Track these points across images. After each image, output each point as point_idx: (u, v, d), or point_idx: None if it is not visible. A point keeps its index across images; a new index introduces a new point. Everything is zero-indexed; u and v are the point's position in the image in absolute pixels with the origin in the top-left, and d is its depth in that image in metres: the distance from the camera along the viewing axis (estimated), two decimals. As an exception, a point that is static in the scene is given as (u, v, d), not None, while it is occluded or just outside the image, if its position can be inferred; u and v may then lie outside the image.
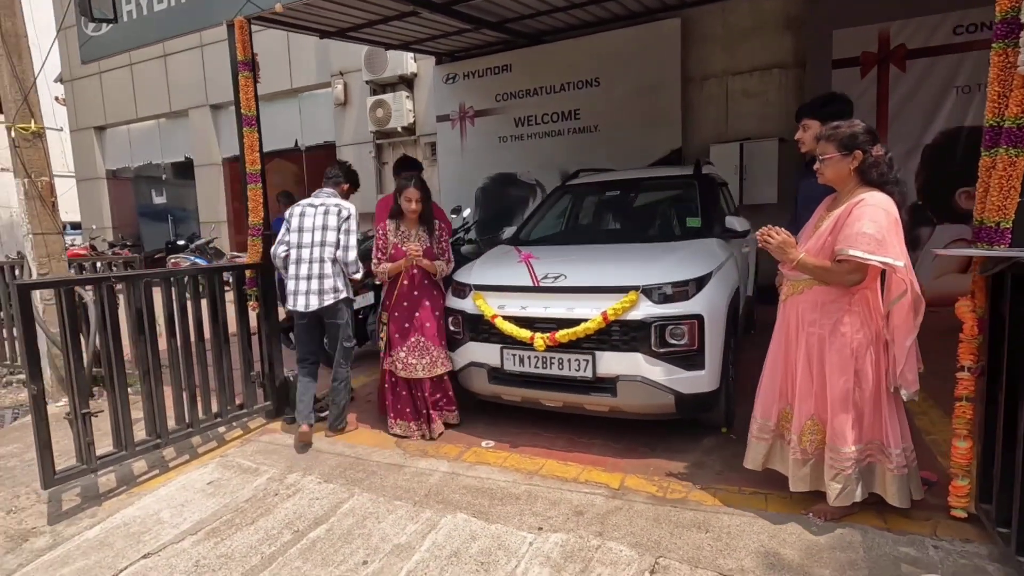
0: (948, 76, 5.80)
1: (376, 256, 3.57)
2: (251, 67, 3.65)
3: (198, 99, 11.48)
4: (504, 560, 2.32)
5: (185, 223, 12.63)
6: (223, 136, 11.61)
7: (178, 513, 2.85)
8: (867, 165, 2.29)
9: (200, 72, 11.36)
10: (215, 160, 11.62)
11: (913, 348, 2.16)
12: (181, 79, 11.65)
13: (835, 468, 2.30)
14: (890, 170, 2.28)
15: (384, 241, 3.55)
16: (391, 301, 3.54)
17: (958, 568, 2.07)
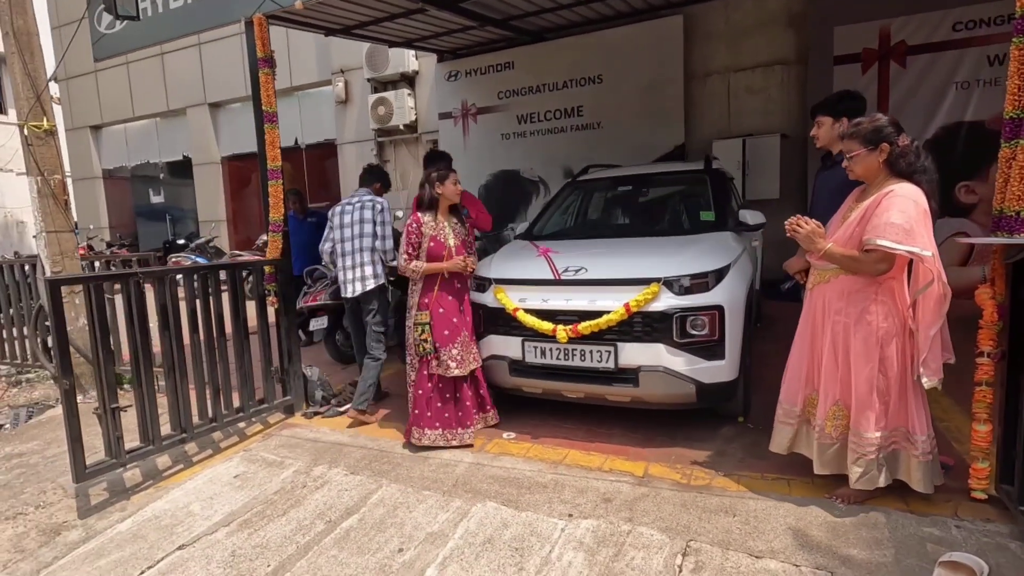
0: (948, 72, 5.90)
1: (407, 251, 3.32)
2: (270, 64, 3.67)
3: (196, 97, 11.43)
4: (538, 545, 2.37)
5: (183, 222, 12.58)
6: (222, 135, 11.58)
7: (208, 506, 2.88)
8: (895, 156, 2.31)
9: (198, 70, 11.31)
10: (214, 159, 11.58)
11: (938, 337, 2.22)
12: (179, 77, 11.60)
13: (857, 452, 2.36)
14: (918, 159, 2.31)
15: (417, 236, 3.32)
16: (431, 298, 3.32)
17: (981, 546, 2.15)
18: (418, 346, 3.30)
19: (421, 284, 3.36)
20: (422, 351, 3.30)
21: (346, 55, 9.21)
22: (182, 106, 11.68)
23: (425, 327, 3.29)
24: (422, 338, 3.29)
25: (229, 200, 11.68)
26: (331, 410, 3.95)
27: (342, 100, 9.54)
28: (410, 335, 3.37)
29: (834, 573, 2.08)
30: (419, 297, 3.35)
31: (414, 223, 3.35)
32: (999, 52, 5.75)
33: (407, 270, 3.34)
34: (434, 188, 3.37)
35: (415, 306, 3.36)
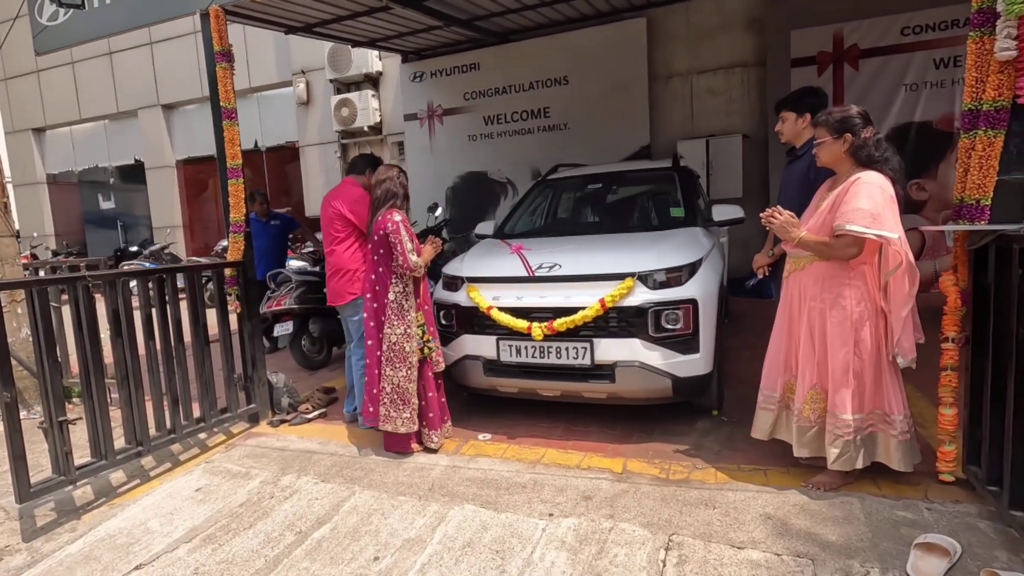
0: (898, 75, 6.14)
1: (411, 246, 3.11)
2: (228, 58, 3.52)
3: (148, 99, 11.00)
4: (519, 547, 2.31)
5: (135, 229, 12.07)
6: (176, 137, 11.17)
7: (168, 521, 2.72)
8: (856, 147, 2.40)
9: (150, 71, 10.89)
10: (168, 162, 11.16)
11: (910, 318, 2.28)
12: (129, 78, 11.14)
13: (834, 434, 2.40)
14: (878, 150, 2.39)
15: (411, 232, 3.16)
16: (422, 297, 3.19)
17: (953, 527, 2.19)
18: (423, 349, 3.16)
19: (412, 285, 3.14)
20: (427, 352, 3.18)
21: (307, 55, 9.01)
22: (133, 107, 11.22)
23: (424, 327, 3.18)
24: (425, 340, 3.17)
25: (185, 205, 11.26)
26: (298, 417, 3.81)
27: (304, 101, 9.32)
28: (408, 343, 3.10)
29: (815, 560, 2.09)
30: (414, 299, 3.15)
31: (405, 219, 3.15)
32: (945, 56, 6.03)
33: (418, 267, 3.10)
34: (405, 188, 3.28)
35: (412, 308, 3.13)
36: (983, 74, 2.17)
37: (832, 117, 2.47)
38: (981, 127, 2.16)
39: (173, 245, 10.35)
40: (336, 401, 4.18)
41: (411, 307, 3.13)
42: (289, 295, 4.85)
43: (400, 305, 3.13)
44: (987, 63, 2.15)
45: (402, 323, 3.11)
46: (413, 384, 3.13)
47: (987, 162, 2.17)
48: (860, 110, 2.45)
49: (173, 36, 10.34)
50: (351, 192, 3.58)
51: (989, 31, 2.12)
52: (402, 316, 3.12)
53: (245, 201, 3.68)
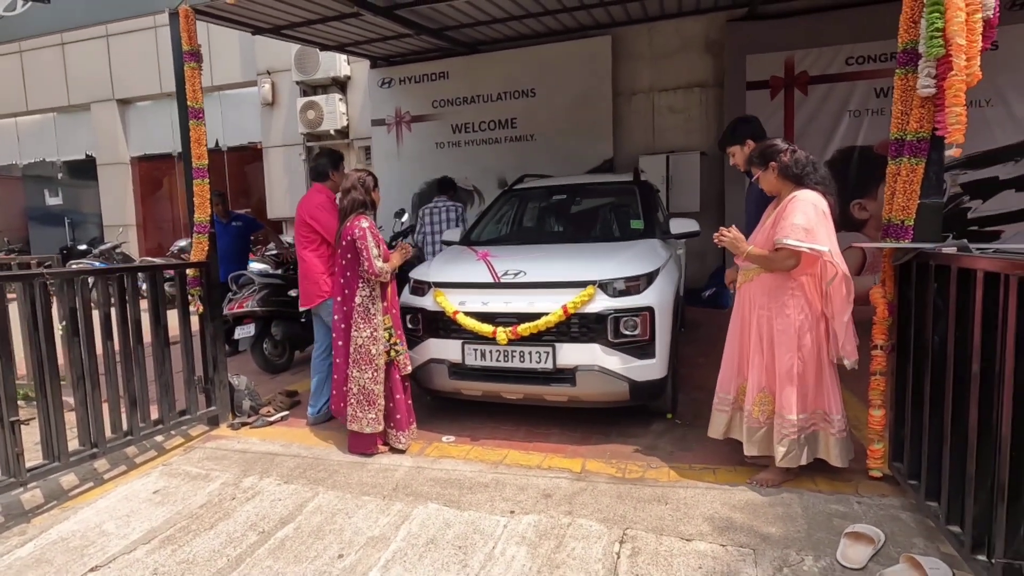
0: (843, 101, 6.56)
1: (377, 252, 3.14)
2: (197, 58, 3.51)
3: (102, 93, 10.64)
4: (481, 543, 2.40)
5: (84, 227, 11.60)
6: (131, 133, 10.83)
7: (124, 524, 2.68)
8: (782, 169, 2.64)
9: (105, 64, 10.54)
10: (122, 159, 10.79)
11: (850, 323, 2.49)
12: (82, 70, 10.75)
13: (781, 433, 2.59)
14: (798, 167, 2.60)
15: (377, 238, 3.19)
16: (389, 301, 3.25)
17: (879, 518, 2.40)
18: (389, 352, 3.22)
19: (379, 289, 3.21)
20: (394, 355, 3.23)
21: (273, 56, 8.92)
22: (86, 101, 10.81)
23: (391, 331, 3.24)
24: (392, 343, 3.23)
25: (139, 204, 10.90)
26: (260, 420, 3.79)
27: (268, 102, 9.21)
28: (374, 345, 3.15)
29: (755, 550, 2.25)
30: (380, 303, 3.21)
31: (372, 226, 3.21)
32: (884, 85, 6.47)
33: (384, 272, 3.15)
34: (370, 193, 3.31)
35: (378, 312, 3.19)
36: (907, 108, 2.40)
37: (754, 153, 2.76)
38: (906, 155, 2.40)
39: (125, 245, 10.00)
40: (299, 404, 4.16)
41: (377, 311, 3.19)
42: (251, 297, 4.81)
43: (367, 309, 3.18)
44: (910, 98, 2.38)
45: (368, 326, 3.17)
46: (379, 386, 3.18)
47: (910, 187, 2.40)
48: (773, 141, 2.73)
49: (131, 30, 10.06)
50: (314, 199, 3.68)
51: (912, 69, 2.36)
52: (368, 319, 3.17)
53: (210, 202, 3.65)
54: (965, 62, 2.06)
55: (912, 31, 2.34)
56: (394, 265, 3.26)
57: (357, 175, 3.31)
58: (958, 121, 2.06)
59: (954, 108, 2.07)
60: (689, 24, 7.19)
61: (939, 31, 2.12)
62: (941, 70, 2.18)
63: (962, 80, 2.07)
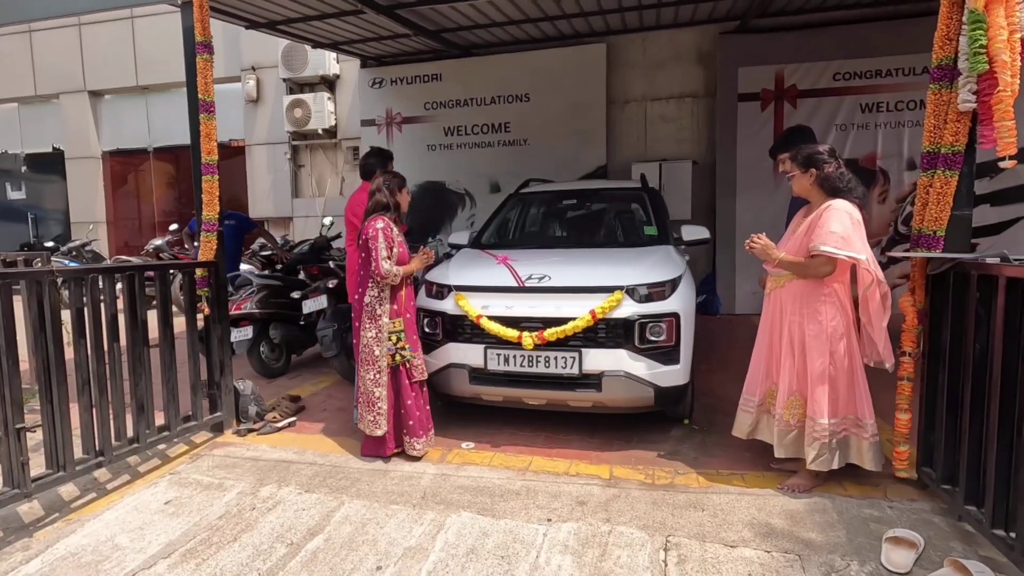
0: (830, 115, 6.76)
1: (388, 256, 3.09)
2: (210, 49, 3.38)
3: (73, 84, 10.18)
4: (524, 552, 2.35)
5: (48, 223, 11.05)
6: (104, 127, 10.39)
7: (139, 537, 2.53)
8: (821, 179, 2.68)
9: (77, 53, 10.09)
10: (92, 153, 10.33)
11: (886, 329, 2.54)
12: (51, 59, 10.26)
13: (812, 437, 2.62)
14: (842, 181, 2.67)
15: (391, 240, 3.13)
16: (401, 303, 3.18)
17: (913, 522, 2.45)
18: (394, 356, 3.14)
19: (388, 291, 3.15)
20: (399, 360, 3.15)
21: (259, 52, 8.70)
22: (54, 92, 10.33)
23: (400, 335, 3.16)
24: (399, 347, 3.15)
25: (110, 200, 10.45)
26: (268, 426, 3.64)
27: (253, 99, 8.97)
28: (378, 347, 3.13)
29: (800, 556, 2.26)
30: (389, 305, 3.16)
31: (388, 227, 3.15)
32: (869, 101, 6.71)
33: (390, 274, 3.09)
34: (394, 195, 3.26)
35: (385, 315, 3.14)
36: (940, 121, 2.47)
37: (800, 153, 2.77)
38: (940, 167, 2.46)
39: (96, 242, 9.55)
40: (304, 410, 4.03)
41: (384, 312, 3.15)
42: (249, 299, 4.64)
43: (373, 309, 3.14)
44: (944, 112, 2.46)
45: (374, 327, 3.14)
46: (380, 389, 3.14)
47: (943, 199, 2.47)
48: (828, 148, 2.74)
49: (105, 19, 9.66)
50: (359, 196, 3.79)
51: (946, 85, 2.44)
52: (374, 320, 3.14)
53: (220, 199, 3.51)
54: (1010, 78, 2.14)
55: (947, 48, 2.41)
56: (410, 271, 3.21)
57: (383, 177, 3.26)
58: (1010, 135, 2.13)
59: (1004, 122, 2.13)
60: (682, 35, 7.31)
61: (983, 48, 2.19)
62: (982, 86, 2.25)
63: (1010, 95, 2.14)
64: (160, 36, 9.43)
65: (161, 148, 10.26)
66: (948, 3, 2.40)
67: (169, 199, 10.52)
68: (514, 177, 7.02)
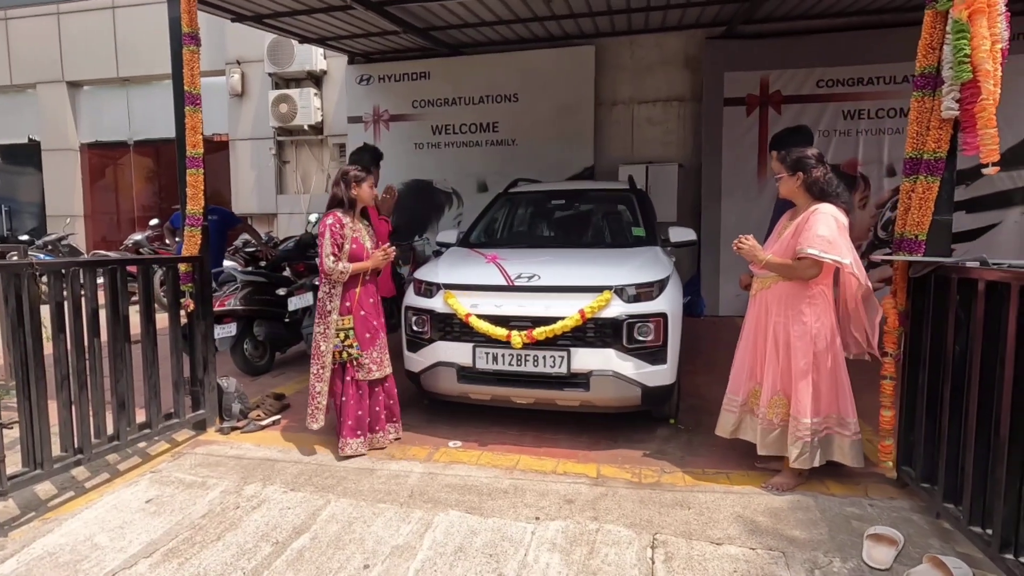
0: (813, 121, 6.86)
1: (333, 252, 3.12)
2: (197, 40, 3.32)
3: (51, 73, 9.94)
4: (512, 550, 2.35)
5: (22, 216, 10.78)
6: (82, 118, 10.17)
7: (119, 536, 2.48)
8: (808, 183, 2.73)
9: (55, 43, 9.86)
10: (70, 145, 10.11)
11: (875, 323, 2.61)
12: (27, 48, 10.01)
13: (795, 435, 2.67)
14: (829, 186, 2.71)
15: (341, 236, 3.14)
16: (353, 301, 3.18)
17: (893, 520, 2.50)
18: (341, 352, 3.15)
19: (340, 288, 3.17)
20: (346, 357, 3.16)
21: (244, 46, 8.58)
22: (30, 81, 10.08)
23: (349, 332, 3.16)
24: (347, 344, 3.15)
25: (88, 193, 10.22)
26: (252, 424, 3.60)
27: (237, 93, 8.85)
28: (324, 342, 3.16)
29: (785, 553, 2.30)
30: (339, 301, 3.18)
31: (336, 223, 3.15)
32: (851, 108, 6.85)
33: (334, 271, 3.11)
34: (349, 189, 3.21)
35: (334, 311, 3.16)
36: (923, 128, 2.53)
37: (789, 156, 2.81)
38: (922, 173, 2.52)
39: (73, 236, 9.34)
40: (288, 408, 3.99)
41: (333, 309, 3.18)
42: (233, 296, 4.58)
43: (324, 305, 3.20)
44: (927, 119, 2.51)
45: (323, 322, 3.19)
46: (322, 384, 3.20)
47: (925, 204, 2.52)
48: (815, 152, 2.79)
49: (86, 9, 9.45)
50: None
51: (929, 92, 2.49)
52: (323, 316, 3.20)
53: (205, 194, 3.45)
54: (993, 87, 2.19)
55: (931, 56, 2.47)
56: (361, 268, 3.18)
57: (340, 171, 3.27)
58: (992, 142, 2.19)
59: (987, 130, 2.19)
60: (670, 39, 7.38)
61: (967, 57, 2.24)
62: (965, 94, 2.31)
63: (992, 103, 2.20)
64: (142, 27, 9.26)
65: (142, 141, 10.07)
66: (932, 13, 2.46)
67: (149, 193, 10.33)
68: (502, 177, 7.02)
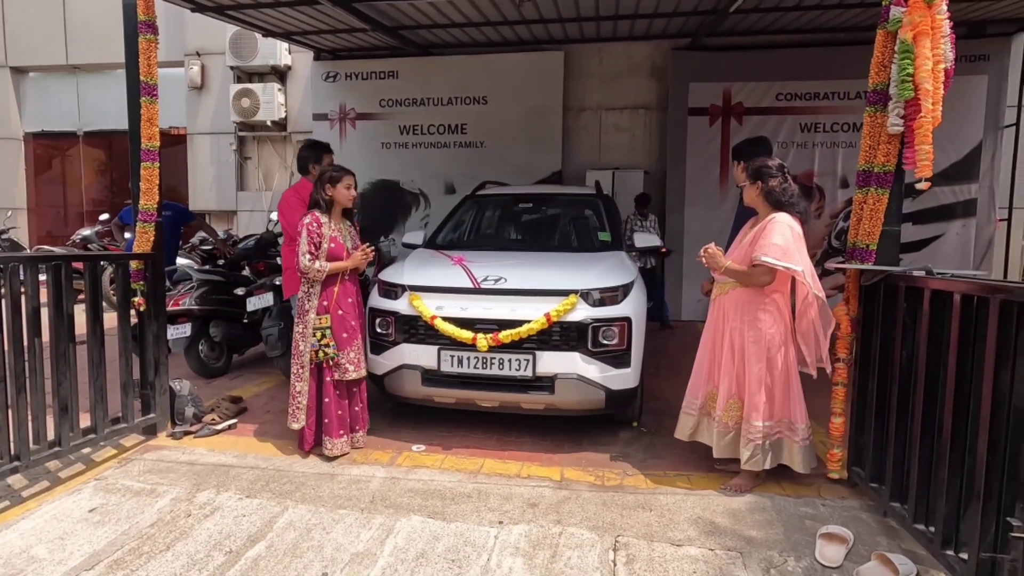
0: (773, 132, 7.09)
1: (309, 251, 3.08)
2: (154, 29, 3.20)
3: (-8, 58, 9.41)
4: (475, 555, 2.33)
5: (-42, 208, 10.15)
6: (27, 106, 9.67)
7: (59, 547, 2.35)
8: (766, 192, 2.81)
9: (-2, 26, 9.34)
10: (13, 134, 9.60)
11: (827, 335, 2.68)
12: (-33, 30, 9.45)
13: (747, 438, 2.74)
14: (785, 196, 2.80)
15: (319, 236, 3.10)
16: (331, 300, 3.14)
17: (844, 519, 2.59)
18: (318, 352, 3.10)
19: (318, 287, 3.15)
20: (322, 357, 3.11)
21: (205, 37, 8.32)
22: (-30, 66, 9.52)
23: (326, 331, 3.12)
24: (323, 343, 3.11)
25: (32, 185, 9.72)
26: (206, 429, 3.47)
27: (197, 86, 8.57)
28: (303, 341, 3.15)
29: (742, 553, 2.35)
30: (317, 301, 3.15)
31: (314, 222, 3.13)
32: (808, 121, 7.10)
33: (311, 270, 3.10)
34: (324, 191, 3.18)
35: (312, 310, 3.14)
36: (875, 142, 2.64)
37: (751, 165, 2.90)
38: (873, 185, 2.63)
39: (15, 230, 8.85)
40: (246, 412, 3.87)
41: (311, 308, 3.15)
42: (188, 295, 4.41)
43: (302, 304, 3.18)
44: (878, 134, 2.62)
45: (301, 322, 3.17)
46: (302, 383, 3.16)
47: (875, 215, 2.63)
48: (777, 163, 2.87)
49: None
50: (286, 194, 3.68)
51: (881, 108, 2.61)
52: (301, 315, 3.17)
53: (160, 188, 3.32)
54: (932, 105, 2.31)
55: (882, 74, 2.58)
56: (338, 268, 3.16)
57: (320, 170, 3.25)
58: (927, 158, 2.30)
59: (923, 146, 2.30)
60: (637, 48, 7.51)
61: (910, 76, 2.35)
62: (908, 111, 2.42)
63: (930, 121, 2.31)
64: (94, 12, 8.87)
65: (92, 132, 9.64)
66: (883, 33, 2.58)
67: (100, 187, 9.89)
68: (469, 179, 7.01)
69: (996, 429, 1.79)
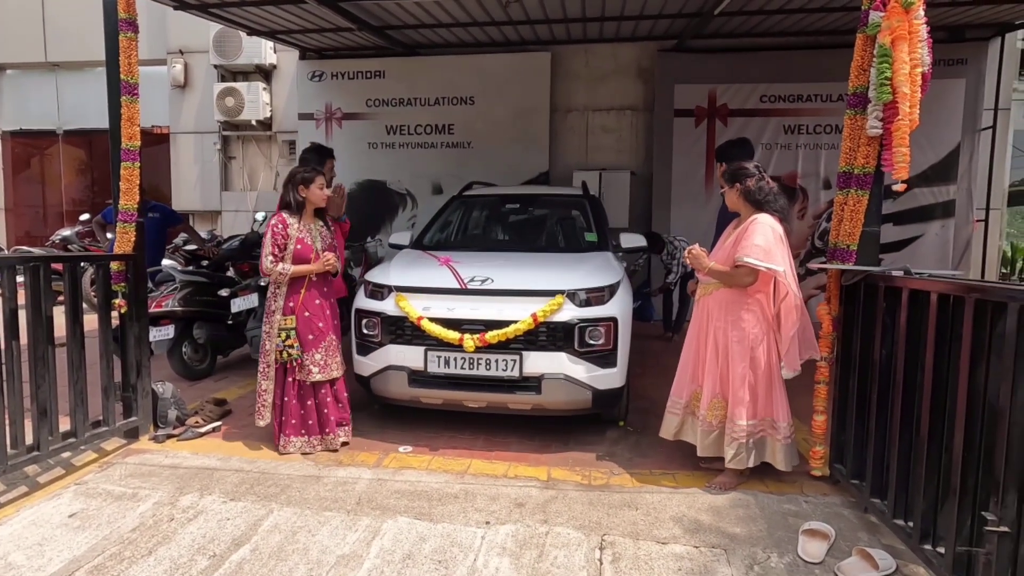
0: (757, 134, 7.16)
1: (272, 252, 3.13)
2: (134, 27, 3.16)
3: (-34, 54, 9.22)
4: (461, 556, 2.33)
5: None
6: (5, 104, 9.50)
7: (38, 554, 2.31)
8: (744, 193, 2.85)
9: (-27, 21, 9.14)
10: (-10, 132, 9.39)
11: (796, 339, 2.70)
12: (-59, 26, 9.25)
13: (731, 437, 2.77)
14: (762, 195, 2.83)
15: (283, 237, 3.15)
16: (297, 301, 3.18)
17: (825, 515, 2.62)
18: (282, 352, 3.16)
19: (285, 288, 3.21)
20: (286, 357, 3.16)
21: (188, 35, 8.22)
22: (-55, 62, 9.32)
23: (291, 332, 3.16)
24: (287, 344, 3.15)
25: (10, 185, 9.53)
26: (189, 431, 3.43)
27: (180, 84, 8.46)
28: (269, 341, 3.21)
29: (726, 550, 2.38)
30: (283, 301, 3.20)
31: (279, 224, 3.19)
32: (791, 123, 7.18)
33: (273, 272, 3.15)
34: (297, 191, 3.21)
35: (278, 311, 3.20)
36: (855, 144, 2.68)
37: (728, 169, 2.95)
38: (853, 187, 2.67)
39: (-8, 231, 8.68)
40: (230, 414, 3.83)
41: (277, 309, 3.21)
42: (171, 296, 4.36)
43: (269, 304, 3.24)
44: (858, 136, 2.67)
45: (268, 321, 3.23)
46: (268, 381, 3.23)
47: (856, 216, 2.68)
48: (754, 164, 2.92)
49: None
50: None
51: (861, 111, 2.65)
52: (268, 314, 3.23)
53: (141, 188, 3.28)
54: (909, 109, 2.35)
55: (862, 77, 2.62)
56: (304, 271, 3.18)
57: (290, 171, 3.28)
58: (904, 160, 2.34)
59: (900, 149, 2.34)
60: (624, 50, 7.54)
61: (888, 79, 2.39)
62: (887, 114, 2.46)
63: (907, 124, 2.35)
64: (73, 9, 8.72)
65: (72, 131, 9.47)
66: (863, 37, 2.62)
67: (80, 186, 9.73)
68: (457, 179, 7.00)
69: (971, 426, 1.83)
